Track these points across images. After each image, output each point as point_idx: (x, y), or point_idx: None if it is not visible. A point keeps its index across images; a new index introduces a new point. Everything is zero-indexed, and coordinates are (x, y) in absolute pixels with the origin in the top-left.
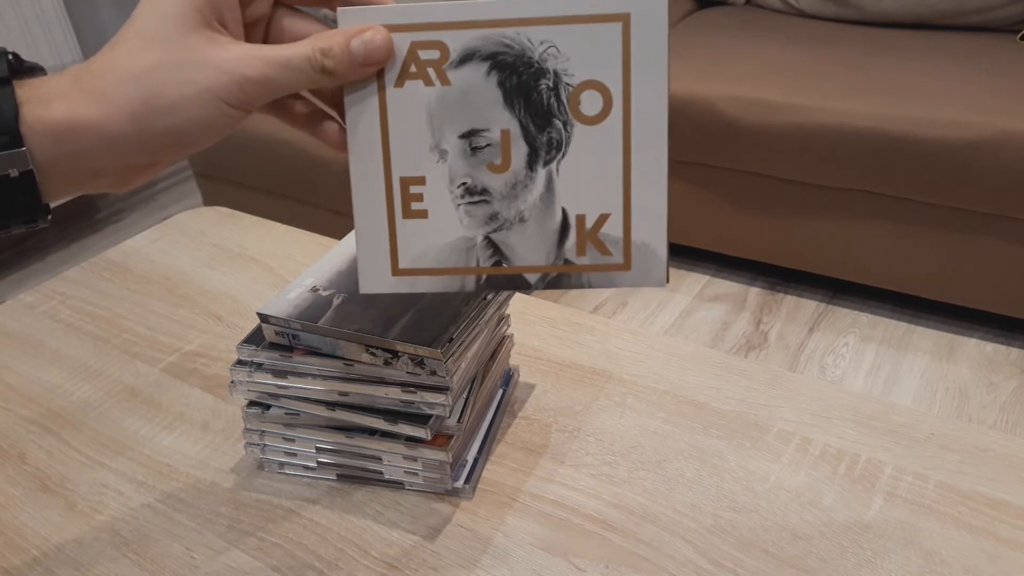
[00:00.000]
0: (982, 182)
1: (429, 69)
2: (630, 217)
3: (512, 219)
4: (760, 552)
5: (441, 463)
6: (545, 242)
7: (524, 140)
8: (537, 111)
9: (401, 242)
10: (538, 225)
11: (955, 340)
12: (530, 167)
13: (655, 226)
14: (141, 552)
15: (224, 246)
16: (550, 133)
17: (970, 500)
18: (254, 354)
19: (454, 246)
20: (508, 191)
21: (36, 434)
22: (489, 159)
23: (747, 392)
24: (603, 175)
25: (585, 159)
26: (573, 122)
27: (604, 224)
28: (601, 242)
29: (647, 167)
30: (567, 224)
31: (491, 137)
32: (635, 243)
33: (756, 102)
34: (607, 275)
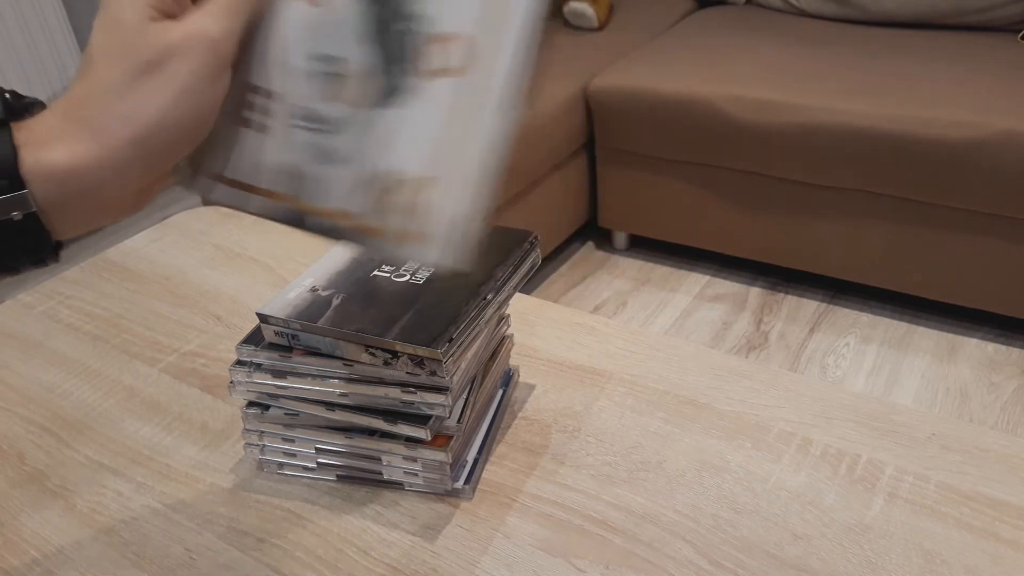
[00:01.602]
0: (982, 182)
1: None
2: (446, 187)
3: (337, 156)
4: (761, 552)
5: (441, 463)
6: (360, 191)
7: (370, 78)
8: (389, 51)
9: (236, 150)
10: (359, 169)
11: (956, 340)
12: (368, 107)
13: (468, 203)
14: (140, 552)
15: (224, 246)
16: (393, 77)
17: (971, 500)
18: (253, 354)
19: (280, 168)
20: (342, 126)
21: (35, 434)
22: (333, 89)
23: (748, 392)
24: (434, 135)
25: (419, 113)
26: (420, 70)
27: (419, 187)
28: (409, 206)
29: (474, 134)
30: (385, 178)
31: (342, 67)
32: (445, 215)
33: (756, 102)
34: (407, 245)
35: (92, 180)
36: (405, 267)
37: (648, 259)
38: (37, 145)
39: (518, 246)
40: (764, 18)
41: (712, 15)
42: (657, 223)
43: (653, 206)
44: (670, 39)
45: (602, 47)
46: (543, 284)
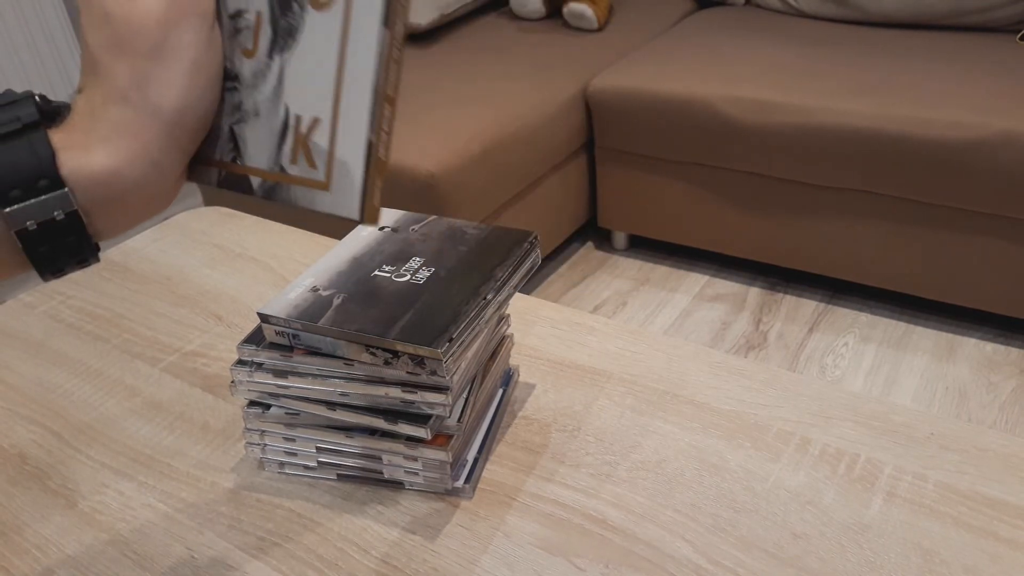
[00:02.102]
0: (982, 182)
1: None
2: (337, 125)
3: (250, 111)
4: (760, 552)
5: (441, 463)
6: (269, 143)
7: (270, 24)
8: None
9: None
10: (267, 122)
11: (955, 340)
12: (269, 55)
13: (356, 143)
14: (141, 552)
15: (224, 246)
16: (288, 18)
17: (970, 500)
18: (254, 354)
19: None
20: (252, 79)
21: (37, 434)
22: (244, 43)
23: (747, 392)
24: (320, 72)
25: (310, 51)
26: (306, 6)
27: (314, 131)
28: (310, 151)
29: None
30: (287, 125)
31: (248, 20)
32: (336, 159)
33: (756, 102)
34: (309, 193)
35: (134, 178)
36: (406, 267)
37: (648, 259)
38: (75, 149)
39: (518, 246)
40: (763, 19)
41: (711, 16)
42: (657, 223)
43: (653, 206)
44: (670, 40)
45: (602, 48)
46: (543, 284)
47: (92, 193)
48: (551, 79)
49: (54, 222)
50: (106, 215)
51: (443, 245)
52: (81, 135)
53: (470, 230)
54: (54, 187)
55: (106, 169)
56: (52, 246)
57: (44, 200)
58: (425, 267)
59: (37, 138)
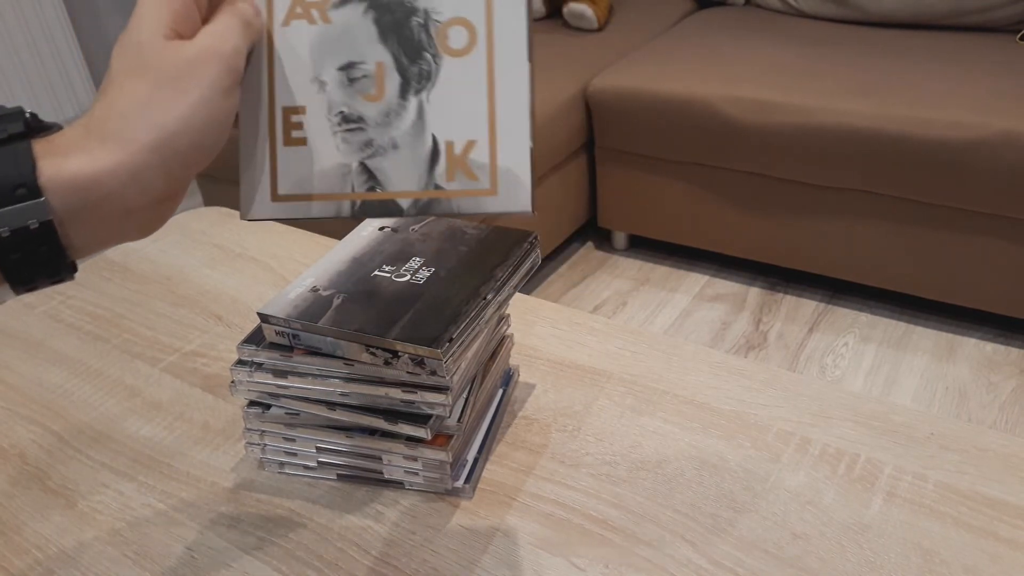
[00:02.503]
0: (982, 182)
1: (313, 10)
2: (496, 143)
3: (386, 145)
4: (760, 552)
5: (441, 463)
6: (416, 168)
7: (397, 71)
8: (409, 45)
9: (281, 169)
10: (410, 151)
11: (954, 340)
12: (402, 96)
13: (519, 153)
14: (141, 552)
15: (224, 246)
16: (420, 64)
17: (970, 500)
18: (254, 354)
19: (331, 172)
20: (382, 119)
21: (37, 434)
22: (365, 89)
23: (747, 392)
24: (469, 103)
25: (453, 88)
26: (441, 54)
27: (471, 150)
28: (469, 167)
29: (510, 96)
30: (437, 150)
31: (367, 69)
32: (501, 168)
33: (756, 102)
34: (475, 200)
35: (112, 186)
36: (406, 267)
37: (648, 259)
38: (57, 155)
39: (518, 246)
40: (763, 19)
41: (711, 16)
42: (657, 223)
43: (653, 206)
44: (670, 40)
45: (602, 48)
46: (543, 284)
47: (68, 199)
48: (551, 79)
49: (28, 230)
50: (81, 225)
51: (443, 245)
52: (66, 143)
53: (470, 230)
54: (31, 196)
55: (84, 174)
56: (24, 255)
57: (20, 208)
58: (425, 267)
59: (21, 148)
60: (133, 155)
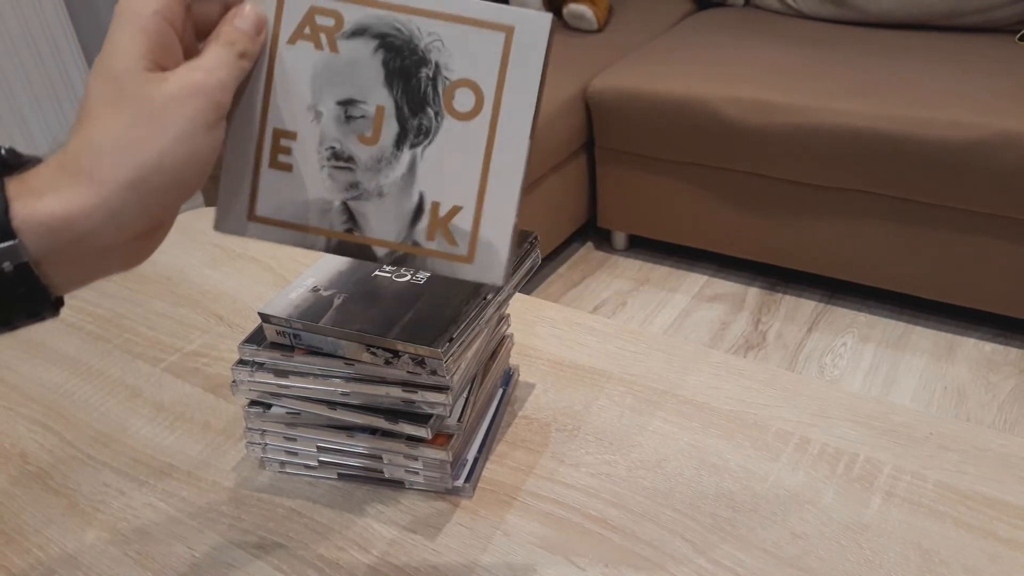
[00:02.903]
0: (981, 182)
1: (322, 35)
2: (480, 214)
3: (372, 191)
4: (759, 551)
5: (441, 462)
6: (398, 220)
7: (396, 120)
8: (413, 96)
9: (263, 190)
10: (395, 202)
11: (953, 340)
12: (397, 146)
13: (503, 226)
14: (143, 551)
15: (225, 246)
16: (421, 119)
17: (969, 499)
18: (255, 354)
19: (312, 205)
20: (373, 164)
21: (38, 434)
22: (360, 130)
23: (746, 392)
24: (463, 169)
25: (449, 150)
26: (444, 114)
27: (456, 216)
28: (450, 232)
29: (504, 170)
30: (422, 208)
31: (366, 110)
32: (481, 239)
33: (756, 102)
34: (450, 264)
35: (88, 226)
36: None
37: (647, 259)
38: (31, 195)
39: (518, 246)
40: (763, 19)
41: (711, 16)
42: (656, 223)
43: (652, 206)
44: (669, 40)
45: (601, 48)
46: (543, 284)
47: (43, 240)
48: (551, 79)
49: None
50: (59, 265)
51: None
52: (40, 182)
53: None
54: (5, 238)
55: (58, 216)
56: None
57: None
58: None
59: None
60: (109, 195)
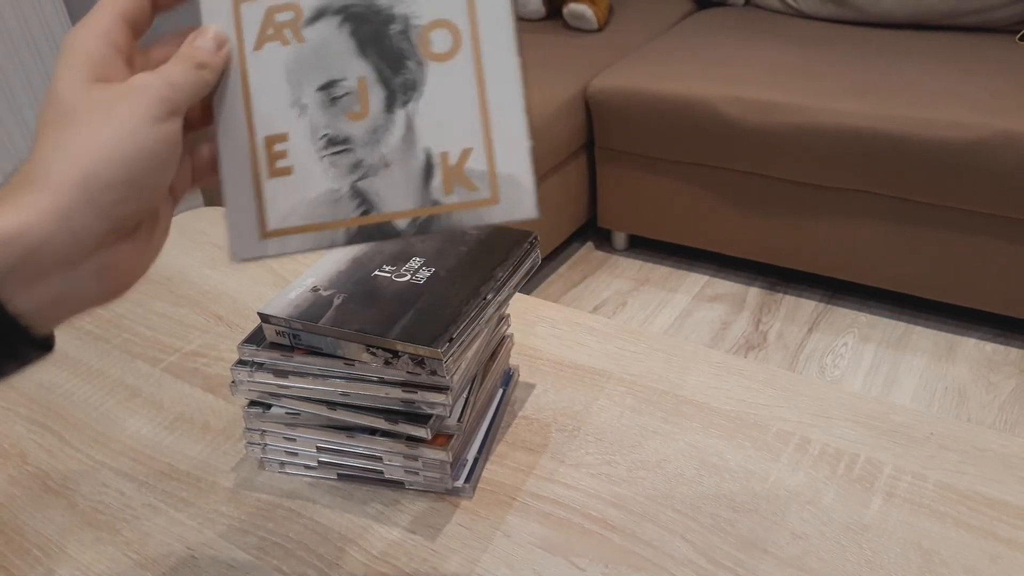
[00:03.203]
0: (981, 182)
1: (285, 30)
2: (492, 149)
3: (376, 164)
4: (759, 551)
5: (441, 462)
6: (411, 184)
7: (380, 84)
8: (390, 55)
9: (269, 203)
10: (402, 168)
11: (954, 340)
12: (388, 110)
13: (519, 156)
14: (142, 551)
15: (225, 246)
16: (404, 74)
17: (969, 500)
18: (255, 354)
19: (321, 200)
20: (369, 136)
21: (37, 434)
22: (348, 107)
23: (746, 392)
24: (460, 110)
25: (441, 96)
26: (425, 61)
27: (468, 159)
28: (467, 178)
29: (503, 99)
30: (431, 163)
31: (348, 86)
32: (500, 175)
33: (756, 102)
34: (476, 212)
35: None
36: (406, 267)
37: (647, 259)
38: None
39: (518, 246)
40: (763, 19)
41: (711, 16)
42: (656, 223)
43: (652, 206)
44: (669, 40)
45: (602, 48)
46: (543, 284)
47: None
48: (551, 79)
49: None
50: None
51: (443, 245)
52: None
53: (470, 230)
54: None
55: (8, 228)
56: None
57: None
58: (425, 267)
59: None
60: (58, 198)
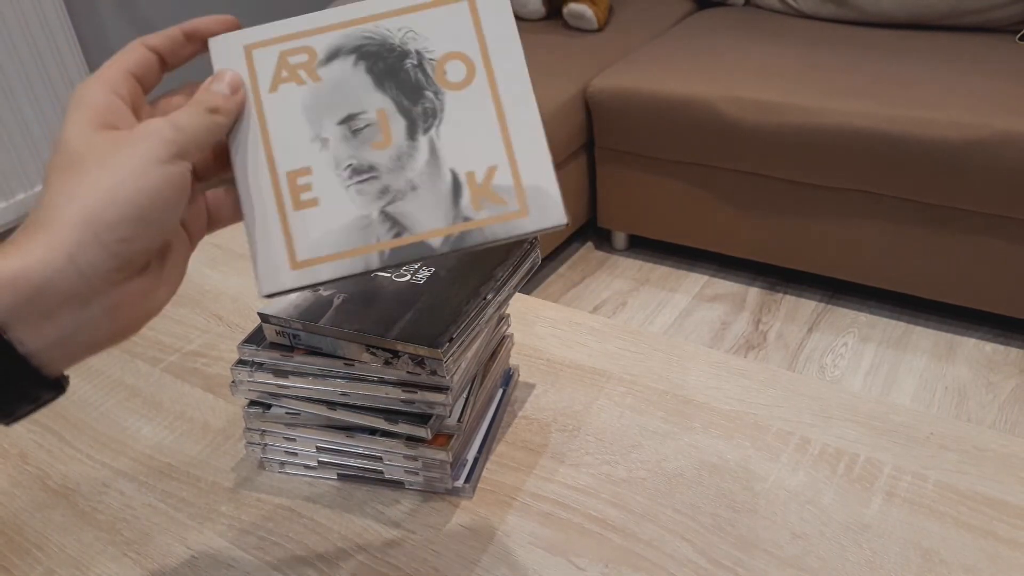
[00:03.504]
0: (981, 182)
1: (300, 71)
2: (516, 164)
3: (404, 189)
4: (759, 551)
5: (441, 462)
6: (440, 204)
7: (400, 114)
8: (407, 87)
9: (296, 235)
10: (430, 190)
11: (954, 340)
12: (411, 137)
13: (542, 169)
14: (142, 551)
15: (225, 246)
16: (423, 103)
17: (969, 500)
18: (255, 354)
19: (351, 227)
20: (394, 164)
21: (37, 434)
22: (370, 138)
23: (746, 392)
24: (482, 131)
25: (462, 120)
26: (443, 90)
27: (494, 176)
28: (495, 193)
29: (521, 117)
30: (458, 183)
31: (369, 118)
32: (527, 188)
33: (756, 102)
34: (508, 224)
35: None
36: (406, 267)
37: (647, 259)
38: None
39: (518, 246)
40: (763, 19)
41: (711, 16)
42: (656, 223)
43: (652, 206)
44: (669, 40)
45: (601, 48)
46: (543, 284)
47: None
48: (551, 79)
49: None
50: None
51: None
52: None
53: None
54: None
55: (15, 268)
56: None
57: None
58: (425, 267)
59: None
60: (63, 237)
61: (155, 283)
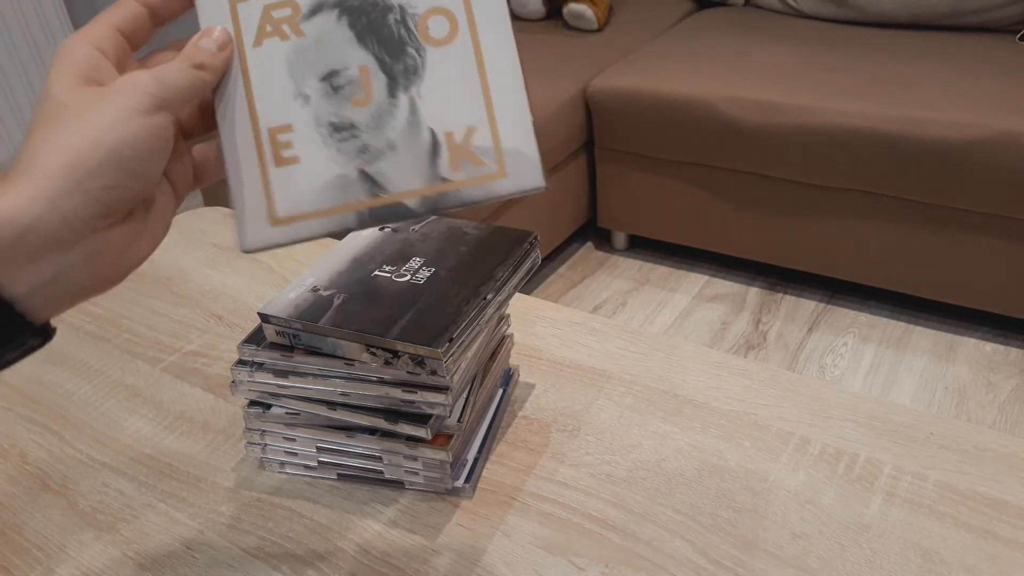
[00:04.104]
0: (981, 182)
1: (283, 25)
2: (496, 125)
3: (382, 148)
4: (759, 551)
5: (441, 462)
6: (418, 164)
7: (382, 71)
8: (389, 43)
9: (276, 191)
10: (409, 149)
11: (954, 340)
12: (392, 95)
13: (522, 130)
14: (142, 551)
15: (225, 246)
16: (405, 60)
17: (969, 500)
18: (255, 354)
19: (330, 185)
20: (374, 121)
21: (37, 433)
22: (352, 95)
23: (746, 392)
24: (462, 90)
25: (442, 79)
26: (424, 47)
27: (473, 136)
28: (473, 154)
29: (503, 77)
30: (437, 143)
31: (350, 75)
32: (506, 149)
33: (756, 102)
34: (485, 186)
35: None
36: (406, 267)
37: (647, 259)
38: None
39: (518, 246)
40: (763, 19)
41: (711, 16)
42: (656, 223)
43: (652, 206)
44: (669, 40)
45: (602, 48)
46: (543, 284)
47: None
48: (551, 79)
49: None
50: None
51: (443, 245)
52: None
53: (470, 230)
54: None
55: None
56: None
57: None
58: (425, 267)
59: None
60: (44, 183)
61: (138, 233)
